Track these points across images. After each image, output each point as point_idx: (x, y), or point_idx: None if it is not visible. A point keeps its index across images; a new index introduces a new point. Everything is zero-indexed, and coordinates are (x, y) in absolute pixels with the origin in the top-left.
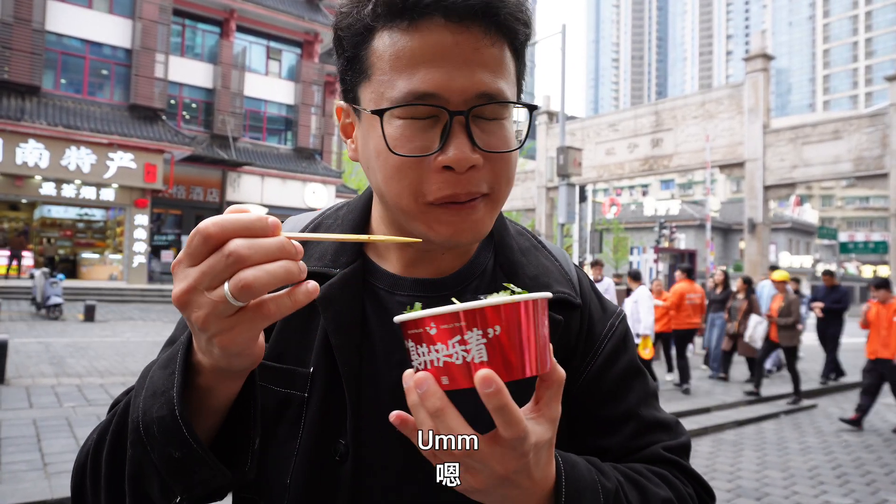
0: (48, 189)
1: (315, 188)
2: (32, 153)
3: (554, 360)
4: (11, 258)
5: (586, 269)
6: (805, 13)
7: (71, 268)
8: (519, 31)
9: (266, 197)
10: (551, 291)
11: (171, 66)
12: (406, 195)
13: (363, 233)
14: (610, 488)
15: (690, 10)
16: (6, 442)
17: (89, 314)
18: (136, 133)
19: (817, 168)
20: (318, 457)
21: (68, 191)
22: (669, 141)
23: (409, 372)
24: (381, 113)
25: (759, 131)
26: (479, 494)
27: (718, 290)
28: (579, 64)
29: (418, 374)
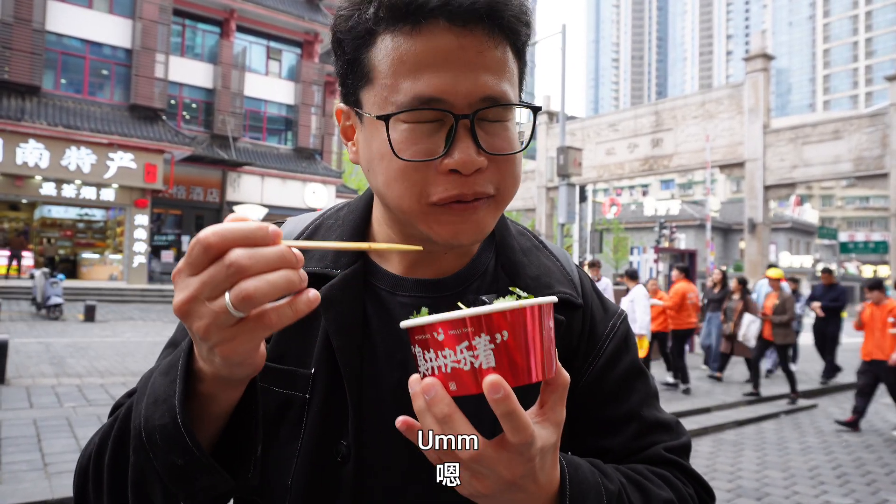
0: (48, 189)
1: (315, 188)
2: (32, 153)
3: (559, 364)
4: (11, 258)
5: (584, 270)
6: (805, 13)
7: (71, 268)
8: (521, 33)
9: (266, 197)
10: (553, 291)
11: (171, 66)
12: (408, 197)
13: (364, 233)
14: (613, 490)
15: (690, 10)
16: (6, 442)
17: (89, 314)
18: (136, 133)
19: (817, 168)
20: (320, 458)
21: (68, 191)
22: (669, 141)
23: (416, 377)
24: (386, 119)
25: (759, 131)
26: (485, 499)
27: (716, 290)
28: (579, 64)
29: (426, 380)
